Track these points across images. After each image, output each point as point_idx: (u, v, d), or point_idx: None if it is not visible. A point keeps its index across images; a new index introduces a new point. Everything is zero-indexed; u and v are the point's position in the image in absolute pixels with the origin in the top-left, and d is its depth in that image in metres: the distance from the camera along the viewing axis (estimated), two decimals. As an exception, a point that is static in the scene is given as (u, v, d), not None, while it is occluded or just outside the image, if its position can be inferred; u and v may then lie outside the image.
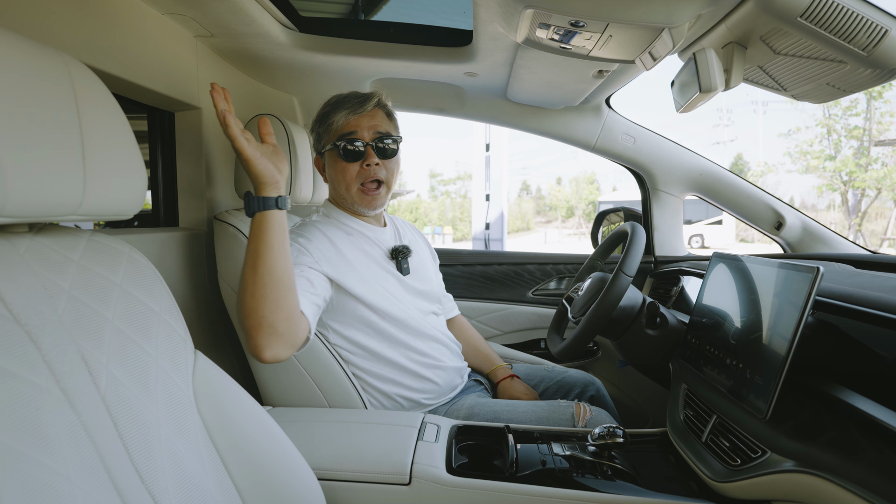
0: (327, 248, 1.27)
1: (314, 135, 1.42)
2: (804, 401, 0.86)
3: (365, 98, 1.35)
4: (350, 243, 1.34)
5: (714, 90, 1.16)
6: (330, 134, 1.35)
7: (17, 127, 0.54)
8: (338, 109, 1.34)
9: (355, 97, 1.36)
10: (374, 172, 1.34)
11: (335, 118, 1.34)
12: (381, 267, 1.37)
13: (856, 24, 0.98)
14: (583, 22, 1.15)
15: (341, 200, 1.41)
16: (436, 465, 1.01)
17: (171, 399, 0.71)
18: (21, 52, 0.56)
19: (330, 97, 1.40)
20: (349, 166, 1.34)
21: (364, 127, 1.33)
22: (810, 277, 0.84)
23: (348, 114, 1.33)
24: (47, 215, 0.60)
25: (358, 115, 1.34)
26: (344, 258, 1.29)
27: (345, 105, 1.34)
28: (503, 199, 9.98)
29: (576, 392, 1.53)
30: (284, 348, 1.07)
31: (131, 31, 1.24)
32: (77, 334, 0.62)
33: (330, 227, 1.34)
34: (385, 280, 1.36)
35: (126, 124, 0.70)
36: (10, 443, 0.49)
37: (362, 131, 1.33)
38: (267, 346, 1.04)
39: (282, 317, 1.05)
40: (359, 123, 1.33)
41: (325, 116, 1.36)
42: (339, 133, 1.34)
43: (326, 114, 1.36)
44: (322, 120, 1.37)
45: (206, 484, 0.70)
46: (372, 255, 1.37)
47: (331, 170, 1.38)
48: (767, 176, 24.15)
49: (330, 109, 1.36)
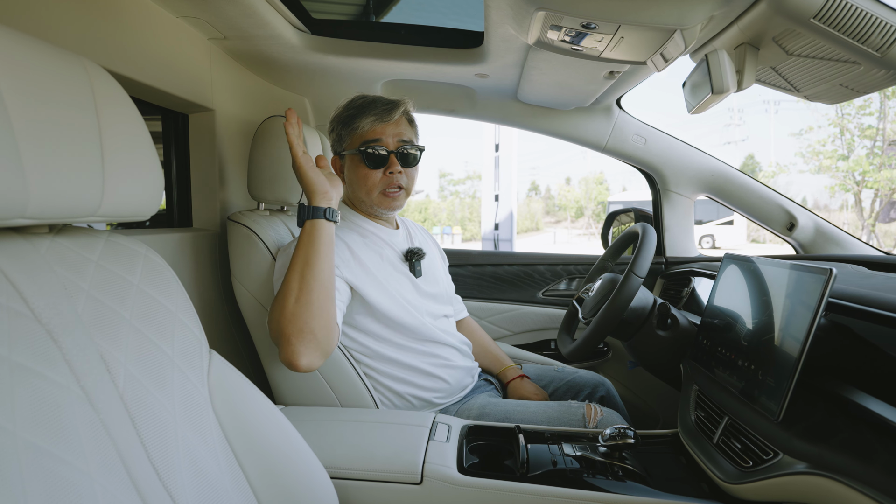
0: (345, 253, 1.28)
1: (334, 135, 1.41)
2: (816, 403, 0.85)
3: (392, 105, 1.35)
4: (366, 246, 1.34)
5: (726, 91, 1.16)
6: (353, 138, 1.35)
7: (38, 130, 0.55)
8: (364, 114, 1.34)
9: (382, 103, 1.35)
10: (397, 180, 1.35)
11: (361, 123, 1.33)
12: (396, 269, 1.38)
13: (870, 24, 0.97)
14: (594, 23, 1.15)
15: (359, 203, 1.41)
16: (447, 465, 1.01)
17: (187, 398, 0.72)
18: (41, 56, 0.57)
19: (353, 97, 1.39)
20: (372, 172, 1.34)
21: (389, 134, 1.34)
22: (823, 279, 0.83)
23: (375, 121, 1.33)
24: (67, 216, 0.61)
25: (384, 123, 1.34)
26: (361, 264, 1.30)
27: (371, 110, 1.34)
28: (512, 199, 9.97)
29: (586, 393, 1.53)
30: (319, 356, 1.11)
31: (147, 35, 1.26)
32: (96, 333, 0.63)
33: (346, 230, 1.35)
34: (400, 284, 1.36)
35: (143, 126, 0.71)
36: (32, 439, 0.50)
37: (387, 138, 1.34)
38: (305, 352, 1.08)
39: (322, 324, 1.10)
40: (384, 131, 1.34)
41: (350, 119, 1.35)
42: (363, 139, 1.34)
43: (352, 117, 1.35)
44: (346, 122, 1.36)
45: (221, 481, 0.71)
46: (387, 257, 1.38)
47: (352, 173, 1.38)
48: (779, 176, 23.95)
49: (355, 113, 1.35)
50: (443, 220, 39.73)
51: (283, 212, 1.66)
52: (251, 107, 1.82)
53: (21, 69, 0.54)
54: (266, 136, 1.47)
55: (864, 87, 1.18)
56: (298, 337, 1.08)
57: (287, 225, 1.56)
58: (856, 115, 14.92)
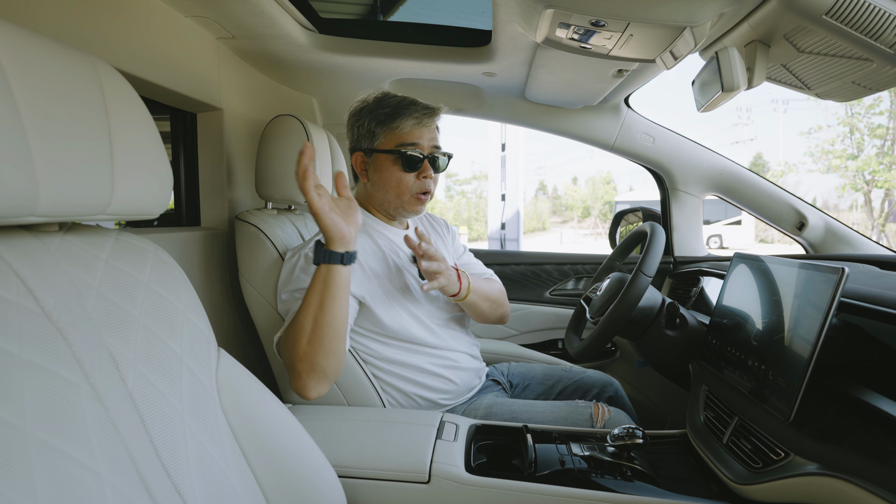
0: (355, 267, 1.25)
1: (363, 129, 1.36)
2: (828, 403, 0.85)
3: (433, 111, 1.35)
4: (375, 254, 1.34)
5: (736, 89, 1.15)
6: (389, 137, 1.33)
7: (48, 128, 0.55)
8: (405, 115, 1.32)
9: (423, 107, 1.34)
10: (428, 185, 1.35)
11: (402, 123, 1.32)
12: (405, 274, 1.36)
13: (883, 21, 0.96)
14: (603, 21, 1.14)
15: (382, 203, 1.39)
16: (455, 464, 1.01)
17: (196, 396, 0.72)
18: (52, 55, 0.58)
19: (383, 94, 1.37)
20: (406, 176, 1.33)
21: (426, 139, 1.34)
22: (835, 278, 0.82)
23: (416, 124, 1.32)
24: (77, 215, 0.61)
25: (424, 128, 1.34)
26: (370, 278, 1.29)
27: (412, 112, 1.32)
28: (519, 198, 9.96)
29: (594, 393, 1.53)
30: (327, 386, 1.15)
31: (155, 34, 1.26)
32: (105, 331, 0.63)
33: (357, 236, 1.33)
34: (408, 293, 1.35)
35: (152, 125, 0.72)
36: (42, 436, 0.50)
37: (423, 142, 1.33)
38: (315, 386, 1.13)
39: (333, 361, 1.12)
40: (422, 135, 1.33)
41: (389, 118, 1.33)
42: (402, 140, 1.32)
43: (390, 116, 1.33)
44: (383, 120, 1.33)
45: (230, 480, 0.71)
46: (396, 262, 1.36)
47: (381, 173, 1.35)
48: (788, 176, 23.74)
49: (394, 112, 1.33)
50: (449, 220, 39.60)
51: (291, 211, 1.66)
52: (259, 106, 1.82)
53: (32, 68, 0.54)
54: (274, 136, 1.47)
55: (877, 84, 1.17)
56: (309, 374, 1.11)
57: (295, 224, 1.56)
58: (865, 114, 14.81)
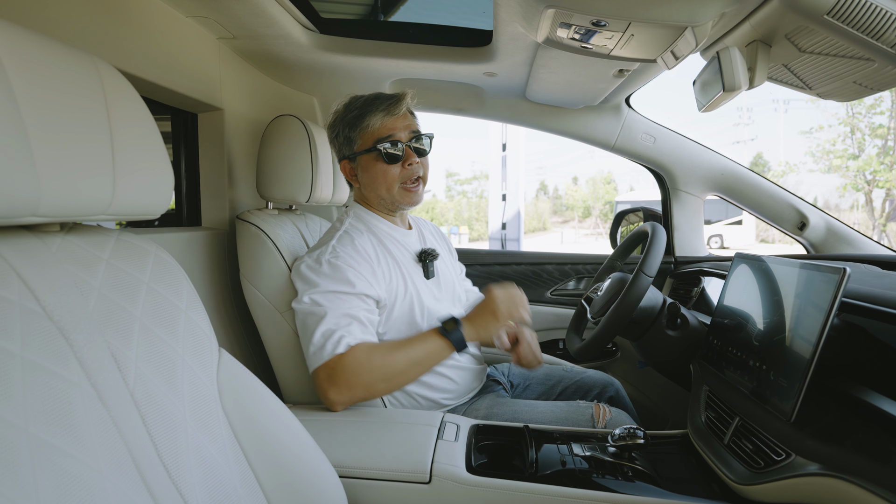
0: (364, 268, 1.28)
1: (340, 139, 1.39)
2: (829, 403, 0.85)
3: (397, 99, 1.35)
4: (382, 255, 1.35)
5: (738, 89, 1.15)
6: (365, 137, 1.35)
7: (50, 129, 0.55)
8: (371, 112, 1.34)
9: (385, 98, 1.36)
10: (415, 171, 1.37)
11: (371, 121, 1.33)
12: (410, 273, 1.37)
13: (885, 21, 0.96)
14: (604, 21, 1.14)
15: (378, 202, 1.41)
16: (455, 464, 1.01)
17: (197, 396, 0.72)
18: (54, 55, 0.58)
19: (349, 100, 1.39)
20: (391, 168, 1.35)
21: (400, 128, 1.35)
22: (836, 278, 0.82)
23: (384, 115, 1.33)
24: (78, 215, 0.61)
25: (394, 117, 1.34)
26: (380, 279, 1.30)
27: (378, 107, 1.34)
28: (520, 198, 9.95)
29: (595, 393, 1.53)
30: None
31: (156, 35, 1.26)
32: (107, 331, 0.63)
33: (359, 233, 1.34)
34: (413, 291, 1.36)
35: (153, 126, 0.72)
36: (43, 436, 0.50)
37: (399, 132, 1.34)
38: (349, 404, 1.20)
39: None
40: (395, 124, 1.34)
41: (357, 119, 1.35)
42: (377, 136, 1.34)
43: (358, 117, 1.35)
44: (353, 123, 1.35)
45: (230, 480, 0.72)
46: (401, 261, 1.38)
47: (368, 172, 1.37)
48: (789, 176, 23.74)
49: (361, 112, 1.35)
50: (450, 220, 39.72)
51: (292, 211, 1.66)
52: (260, 106, 1.82)
53: (33, 68, 0.54)
54: (275, 136, 1.47)
55: (878, 84, 1.17)
56: (356, 401, 1.20)
57: (296, 224, 1.56)
58: (866, 114, 14.80)
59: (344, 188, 1.68)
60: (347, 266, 1.24)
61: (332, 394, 1.17)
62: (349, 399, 1.18)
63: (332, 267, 1.24)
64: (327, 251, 1.28)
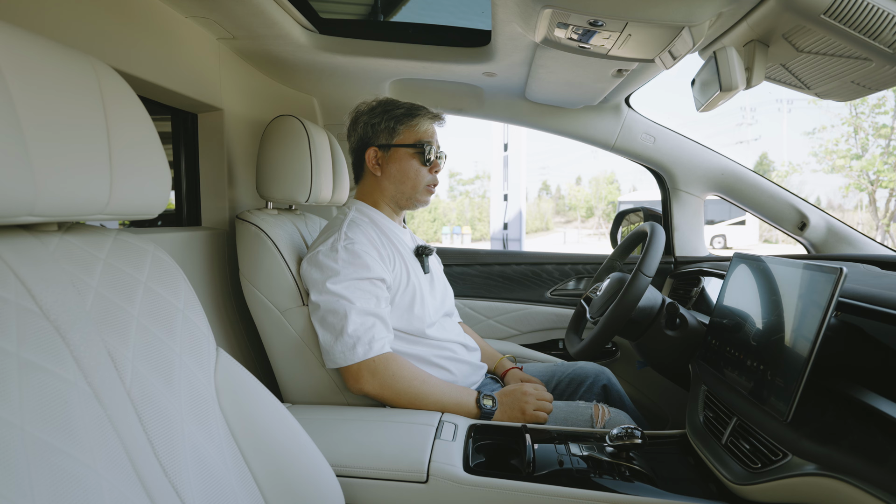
0: (374, 254, 1.32)
1: (381, 126, 1.44)
2: (826, 403, 0.85)
3: (441, 117, 1.48)
4: (387, 242, 1.39)
5: (735, 89, 1.15)
6: (408, 133, 1.42)
7: (46, 128, 0.55)
8: (421, 115, 1.43)
9: (434, 112, 1.47)
10: (436, 178, 1.48)
11: (421, 122, 1.43)
12: (410, 266, 1.41)
13: (881, 20, 0.96)
14: (602, 21, 1.14)
15: (391, 197, 1.46)
16: (453, 464, 1.01)
17: (194, 395, 0.72)
18: (50, 56, 0.58)
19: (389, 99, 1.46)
20: (423, 169, 1.44)
21: (436, 139, 1.47)
22: (833, 278, 0.82)
23: (431, 122, 1.45)
24: (76, 214, 0.61)
25: (436, 128, 1.48)
26: (386, 264, 1.34)
27: (427, 114, 1.44)
28: (521, 198, 9.96)
29: (588, 383, 1.55)
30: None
31: (156, 35, 1.27)
32: (104, 330, 0.64)
33: (363, 226, 1.38)
34: (414, 281, 1.39)
35: (151, 126, 0.72)
36: (40, 435, 0.50)
37: (436, 142, 1.46)
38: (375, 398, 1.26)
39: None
40: (434, 134, 1.47)
41: (407, 116, 1.42)
42: (421, 137, 1.43)
43: (408, 115, 1.43)
44: (401, 118, 1.42)
45: (227, 479, 0.72)
46: (402, 254, 1.41)
47: (398, 166, 1.43)
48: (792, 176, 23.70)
49: (412, 111, 1.43)
50: (452, 220, 39.72)
51: (292, 210, 1.66)
52: (259, 106, 1.83)
53: (30, 68, 0.55)
54: (274, 136, 1.47)
55: (876, 84, 1.17)
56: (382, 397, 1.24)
57: (295, 224, 1.56)
58: (870, 113, 14.76)
59: (343, 188, 1.68)
60: (363, 251, 1.29)
61: (368, 385, 1.23)
62: (377, 394, 1.24)
63: (348, 252, 1.28)
64: (341, 238, 1.31)
